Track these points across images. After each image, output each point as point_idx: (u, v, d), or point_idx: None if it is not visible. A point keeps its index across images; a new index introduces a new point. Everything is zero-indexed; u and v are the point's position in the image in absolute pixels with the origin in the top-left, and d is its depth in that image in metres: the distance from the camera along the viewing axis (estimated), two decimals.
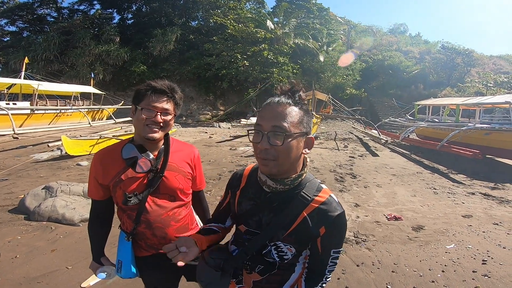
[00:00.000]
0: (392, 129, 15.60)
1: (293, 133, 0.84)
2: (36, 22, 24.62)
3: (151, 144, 1.25)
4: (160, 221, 1.25)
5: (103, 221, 1.35)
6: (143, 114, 1.17)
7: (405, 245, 3.23)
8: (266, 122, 0.86)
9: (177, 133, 13.22)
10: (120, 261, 1.26)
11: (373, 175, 6.49)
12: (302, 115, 0.88)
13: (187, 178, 1.32)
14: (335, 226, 0.89)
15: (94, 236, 1.35)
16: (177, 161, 1.31)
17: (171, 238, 1.28)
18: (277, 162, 0.85)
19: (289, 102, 0.87)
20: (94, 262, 1.34)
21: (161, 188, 1.24)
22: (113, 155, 1.25)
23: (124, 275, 1.25)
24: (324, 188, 0.94)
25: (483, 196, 5.17)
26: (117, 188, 1.21)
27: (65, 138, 7.07)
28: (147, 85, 1.21)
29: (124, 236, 1.27)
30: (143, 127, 1.19)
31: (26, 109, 11.24)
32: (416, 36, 36.18)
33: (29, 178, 5.45)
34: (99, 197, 1.27)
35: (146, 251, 1.29)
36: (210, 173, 6.14)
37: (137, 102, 1.20)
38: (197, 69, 21.02)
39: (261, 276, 0.96)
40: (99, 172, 1.23)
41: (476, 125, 8.86)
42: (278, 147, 0.83)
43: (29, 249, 2.92)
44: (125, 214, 1.26)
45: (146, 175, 1.23)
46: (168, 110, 1.21)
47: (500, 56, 30.84)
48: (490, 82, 21.08)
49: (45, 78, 15.20)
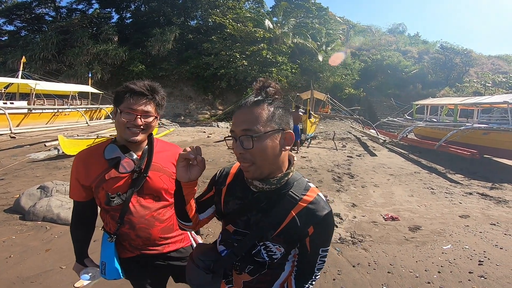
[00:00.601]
0: (390, 129, 15.61)
1: (264, 132, 0.82)
2: (34, 22, 24.58)
3: (134, 145, 1.24)
4: (144, 221, 1.23)
5: (85, 223, 1.32)
6: (122, 117, 1.15)
7: (402, 246, 3.22)
8: (236, 127, 0.85)
9: (175, 132, 13.19)
10: (103, 262, 1.23)
11: (370, 175, 6.48)
12: (273, 111, 0.85)
13: (171, 178, 1.30)
14: (323, 226, 0.88)
15: (76, 237, 1.33)
16: (162, 161, 1.29)
17: (155, 239, 1.27)
18: (256, 166, 0.84)
19: (257, 101, 0.86)
20: (78, 264, 1.32)
21: (145, 188, 1.23)
22: (95, 156, 1.22)
23: (109, 277, 1.23)
24: (312, 187, 0.93)
25: (481, 196, 5.17)
26: (99, 188, 1.19)
27: (61, 137, 7.04)
28: (125, 87, 1.17)
29: (107, 237, 1.24)
30: (124, 130, 1.17)
31: (24, 109, 11.20)
32: (414, 36, 36.17)
33: (25, 178, 5.42)
34: (81, 198, 1.25)
35: (130, 252, 1.27)
36: (207, 173, 6.07)
37: (117, 104, 1.18)
38: (196, 68, 21.00)
39: (251, 277, 0.95)
40: (81, 173, 1.21)
41: (474, 125, 8.86)
42: (251, 150, 0.82)
43: (23, 248, 2.90)
44: (108, 215, 1.24)
45: (130, 176, 1.21)
46: (148, 112, 1.19)
47: (498, 56, 30.87)
48: (488, 82, 21.10)
49: (43, 78, 15.15)
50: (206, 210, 1.07)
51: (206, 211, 1.07)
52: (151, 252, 1.28)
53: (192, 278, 0.96)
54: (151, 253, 1.28)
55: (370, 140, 12.27)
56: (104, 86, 18.98)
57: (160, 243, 1.29)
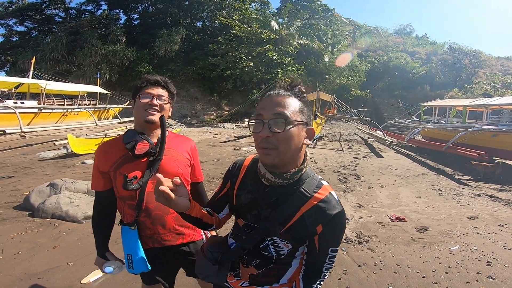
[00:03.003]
0: (397, 131, 15.45)
1: (294, 120, 0.85)
2: (45, 22, 25.03)
3: (150, 130, 1.31)
4: (160, 208, 1.26)
5: (107, 214, 1.35)
6: (141, 99, 1.28)
7: (408, 246, 3.19)
8: (267, 111, 0.86)
9: (182, 132, 13.28)
10: (129, 255, 1.23)
11: (377, 176, 6.43)
12: (302, 106, 0.90)
13: (186, 165, 1.36)
14: (333, 225, 0.87)
15: (99, 229, 1.35)
16: (176, 147, 1.36)
17: (170, 227, 1.30)
18: (278, 151, 0.84)
19: (289, 94, 0.89)
20: (100, 258, 1.34)
21: (160, 172, 1.24)
22: (115, 143, 1.31)
23: (137, 270, 1.22)
24: (325, 184, 0.92)
25: (489, 198, 5.09)
26: (117, 173, 1.24)
27: (71, 136, 7.15)
28: (142, 79, 1.35)
29: (127, 230, 1.26)
30: (142, 112, 1.28)
31: (34, 108, 11.40)
32: (422, 37, 35.76)
33: (34, 176, 5.51)
34: (101, 187, 1.29)
35: (144, 245, 1.29)
36: (213, 172, 6.15)
37: (136, 94, 1.32)
38: (202, 69, 21.11)
39: (258, 270, 0.96)
40: (101, 159, 1.28)
41: (483, 127, 8.73)
42: (279, 134, 0.83)
43: (31, 245, 2.94)
44: (126, 205, 1.27)
45: (146, 159, 1.26)
46: (162, 96, 1.32)
47: (508, 58, 30.30)
48: (497, 84, 20.75)
49: (53, 78, 15.40)
50: (224, 209, 1.09)
51: (224, 209, 1.09)
52: (164, 243, 1.30)
53: (199, 268, 0.98)
54: (163, 244, 1.30)
55: (377, 142, 12.17)
56: (112, 87, 19.25)
57: (174, 232, 1.31)
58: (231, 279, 1.02)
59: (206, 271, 0.95)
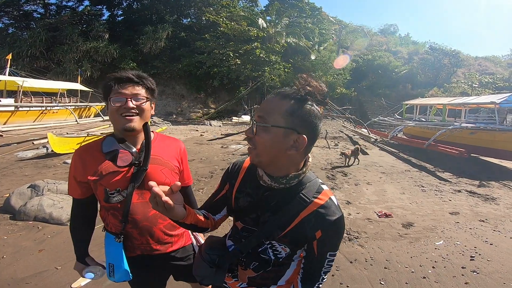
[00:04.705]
0: (381, 128, 15.85)
1: (270, 125, 0.81)
2: (22, 19, 23.80)
3: (131, 137, 1.18)
4: (147, 219, 1.19)
5: (85, 221, 1.27)
6: (112, 103, 1.11)
7: (396, 242, 3.28)
8: (257, 111, 0.88)
9: (168, 131, 13.06)
10: (111, 264, 1.17)
11: (363, 173, 6.57)
12: (294, 109, 0.81)
13: (174, 172, 1.25)
14: (332, 230, 0.87)
15: (76, 236, 1.28)
16: (163, 154, 1.24)
17: (159, 237, 1.23)
18: (256, 152, 0.85)
19: (287, 94, 0.83)
20: (79, 263, 1.28)
21: (146, 183, 1.12)
22: (92, 150, 1.18)
23: (118, 279, 1.18)
24: (325, 189, 0.91)
25: (469, 193, 5.31)
26: (97, 184, 1.14)
27: (51, 135, 6.88)
28: (109, 77, 1.15)
29: (111, 238, 1.18)
30: (118, 119, 1.12)
31: (10, 106, 10.89)
32: (405, 36, 36.80)
33: (13, 177, 5.28)
34: (79, 195, 1.20)
35: (132, 252, 1.23)
36: (202, 171, 6.10)
37: (106, 96, 1.15)
38: (188, 66, 20.81)
39: (256, 273, 0.96)
40: (78, 169, 1.16)
41: (462, 125, 9.10)
42: (255, 137, 0.84)
43: (15, 249, 2.83)
44: (109, 214, 1.19)
45: (129, 170, 1.16)
46: (138, 95, 1.13)
47: (485, 58, 31.73)
48: (475, 83, 21.67)
49: (30, 75, 14.72)
50: (221, 211, 1.07)
51: (222, 211, 1.08)
52: (153, 253, 1.24)
53: (197, 270, 0.97)
54: (153, 253, 1.24)
55: (362, 139, 12.42)
56: (94, 84, 18.60)
57: (163, 242, 1.25)
58: (229, 280, 1.02)
59: (203, 273, 0.94)
